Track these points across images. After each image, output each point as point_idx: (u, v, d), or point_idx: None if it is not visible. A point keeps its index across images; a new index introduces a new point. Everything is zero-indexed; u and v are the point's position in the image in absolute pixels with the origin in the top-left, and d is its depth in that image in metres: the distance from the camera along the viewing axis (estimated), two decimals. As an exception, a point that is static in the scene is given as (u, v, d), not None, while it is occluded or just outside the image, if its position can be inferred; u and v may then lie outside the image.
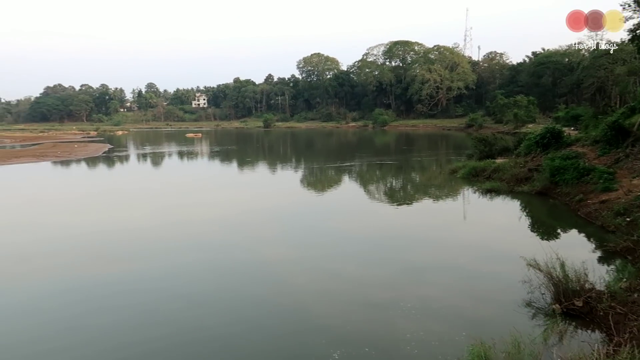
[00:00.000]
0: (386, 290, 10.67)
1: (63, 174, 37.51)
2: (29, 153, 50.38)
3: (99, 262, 13.21)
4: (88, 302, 10.26)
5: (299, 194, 25.86)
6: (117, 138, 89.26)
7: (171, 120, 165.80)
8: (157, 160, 47.74)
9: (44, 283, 11.65)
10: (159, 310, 9.81)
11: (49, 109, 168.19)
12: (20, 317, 9.65)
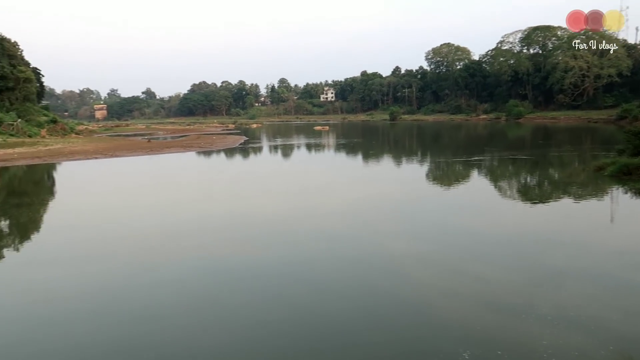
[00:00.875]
0: (518, 294, 9.97)
1: (205, 163, 41.21)
2: (178, 144, 56.21)
3: (230, 246, 14.29)
4: (220, 283, 11.17)
5: (423, 188, 25.30)
6: (252, 130, 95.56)
7: (301, 113, 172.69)
8: (287, 152, 50.14)
9: (182, 261, 12.89)
10: (282, 295, 10.27)
11: (194, 104, 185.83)
12: (169, 289, 10.80)
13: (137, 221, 18.14)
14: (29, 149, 46.45)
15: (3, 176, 33.20)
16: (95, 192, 25.58)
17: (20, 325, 9.19)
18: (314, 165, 39.25)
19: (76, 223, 18.11)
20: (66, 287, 11.11)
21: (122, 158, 42.04)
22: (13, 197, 25.13)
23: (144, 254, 13.58)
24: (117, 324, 9.02)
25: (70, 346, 8.19)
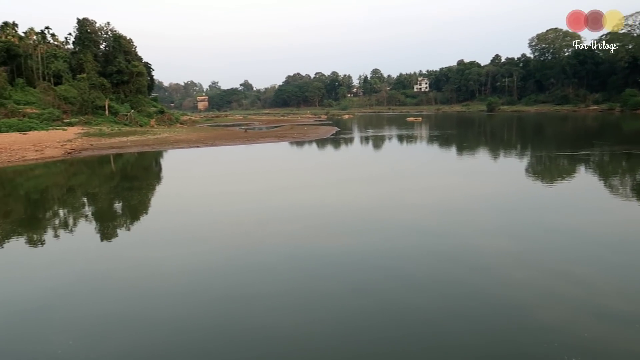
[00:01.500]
0: (629, 301, 9.08)
1: (297, 152, 42.22)
2: (272, 134, 58.13)
3: (320, 234, 14.51)
4: (310, 270, 11.41)
5: (522, 183, 23.85)
6: (344, 121, 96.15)
7: (393, 104, 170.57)
8: (378, 143, 49.82)
9: (274, 247, 13.32)
10: (370, 286, 10.23)
11: (288, 95, 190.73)
12: (260, 272, 11.25)
13: (232, 207, 19.06)
14: (140, 137, 50.63)
15: (117, 162, 36.56)
16: (195, 179, 27.29)
17: (127, 298, 10.09)
18: (404, 156, 38.65)
19: (178, 207, 19.45)
20: (168, 266, 11.98)
21: (221, 147, 44.38)
22: (125, 181, 27.59)
23: (238, 239, 14.25)
24: (211, 302, 9.58)
25: (170, 319, 8.83)
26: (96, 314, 9.14)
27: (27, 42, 68.18)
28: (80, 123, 57.27)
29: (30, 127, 51.03)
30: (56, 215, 20.08)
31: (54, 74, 67.63)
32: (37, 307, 9.60)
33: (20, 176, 30.41)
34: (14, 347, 7.90)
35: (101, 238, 15.44)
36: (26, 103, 58.57)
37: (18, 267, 12.59)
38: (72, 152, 38.99)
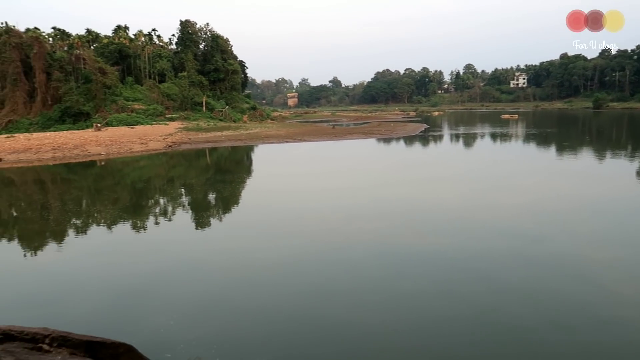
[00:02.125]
0: None
1: (384, 149, 41.82)
2: (359, 130, 58.11)
3: (406, 233, 14.21)
4: (395, 268, 11.21)
5: (631, 188, 21.67)
6: (433, 118, 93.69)
7: (486, 101, 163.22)
8: (469, 141, 47.88)
9: (359, 244, 13.25)
10: (459, 290, 9.82)
11: (377, 91, 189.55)
12: (344, 268, 11.26)
13: (319, 202, 19.28)
14: (234, 132, 52.99)
15: (212, 155, 38.59)
16: (283, 173, 28.01)
17: (220, 285, 10.58)
18: (496, 155, 36.72)
19: (267, 200, 20.07)
20: (257, 257, 12.39)
21: (309, 143, 45.17)
22: (219, 173, 29.02)
23: (325, 235, 14.38)
24: (297, 295, 9.75)
25: (258, 308, 9.11)
26: (193, 298, 9.70)
27: (136, 43, 74.15)
28: (180, 118, 61.26)
29: (137, 121, 55.47)
30: (157, 203, 21.62)
31: (159, 73, 72.87)
32: (139, 288, 10.38)
33: (127, 167, 33.15)
34: (118, 325, 8.60)
35: (196, 227, 16.34)
36: (134, 99, 63.77)
37: (123, 250, 13.70)
38: (173, 145, 41.78)
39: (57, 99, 55.79)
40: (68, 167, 32.90)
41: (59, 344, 4.12)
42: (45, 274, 11.83)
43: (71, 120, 54.01)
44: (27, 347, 4.01)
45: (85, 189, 25.19)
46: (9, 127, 52.44)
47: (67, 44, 64.94)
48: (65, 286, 10.85)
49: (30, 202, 22.06)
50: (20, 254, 13.92)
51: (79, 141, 40.91)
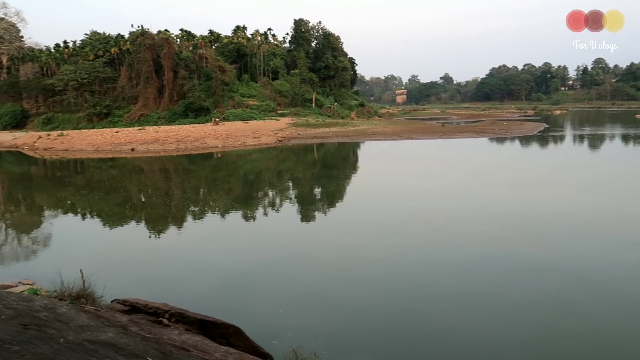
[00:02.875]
0: None
1: (497, 149, 39.59)
2: (470, 129, 55.67)
3: (514, 237, 13.29)
4: (501, 274, 10.55)
5: None
6: (554, 118, 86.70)
7: (618, 99, 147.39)
8: (595, 143, 43.55)
9: (465, 246, 12.65)
10: (571, 300, 8.99)
11: (491, 88, 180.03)
12: (448, 271, 10.85)
13: (424, 202, 18.78)
14: (341, 128, 53.66)
15: (319, 150, 39.43)
16: (389, 171, 27.73)
17: (322, 277, 10.77)
18: (626, 159, 32.90)
19: (371, 197, 20.02)
20: (359, 253, 12.42)
21: (417, 140, 44.26)
22: (325, 169, 29.56)
23: (428, 235, 13.99)
24: (397, 294, 9.60)
25: (358, 304, 9.13)
26: (301, 289, 10.01)
27: (253, 42, 78.14)
28: (290, 114, 63.49)
29: (251, 117, 58.48)
30: (266, 195, 22.61)
31: (272, 70, 76.10)
32: (249, 275, 10.95)
33: (240, 159, 35.12)
34: (228, 307, 9.12)
35: (301, 220, 16.81)
36: (249, 96, 67.34)
37: (234, 237, 14.52)
38: (283, 140, 43.41)
39: (182, 95, 60.73)
40: (189, 158, 35.68)
41: (177, 319, 4.46)
42: (165, 255, 12.93)
43: (193, 114, 58.47)
44: (150, 320, 4.39)
45: (203, 179, 27.12)
46: (141, 120, 58.20)
47: (192, 44, 70.39)
48: (182, 267, 11.75)
49: (155, 188, 24.27)
50: (146, 235, 15.38)
51: (199, 134, 44.16)
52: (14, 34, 78.47)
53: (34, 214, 20.65)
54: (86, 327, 2.91)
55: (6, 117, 62.85)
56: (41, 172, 34.25)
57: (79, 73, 60.84)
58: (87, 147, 42.51)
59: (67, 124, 59.85)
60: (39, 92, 65.88)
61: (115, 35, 70.56)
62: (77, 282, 5.09)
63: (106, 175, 29.82)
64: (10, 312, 2.74)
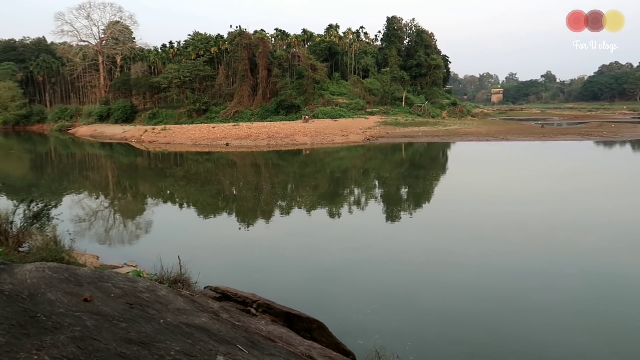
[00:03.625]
0: None
1: (604, 153, 36.40)
2: (574, 131, 51.73)
3: (620, 248, 12.13)
4: (595, 287, 9.68)
5: None
6: (673, 120, 77.90)
7: None
8: None
9: (560, 256, 11.77)
10: None
11: (600, 87, 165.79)
12: (539, 281, 10.17)
13: (517, 207, 17.75)
14: (431, 128, 52.35)
15: (407, 150, 38.78)
16: (480, 173, 26.58)
17: (409, 280, 10.60)
18: None
19: (460, 199, 19.31)
20: (447, 257, 12.04)
21: (512, 142, 41.97)
22: (413, 168, 29.01)
23: (523, 242, 13.22)
24: (485, 303, 9.18)
25: (448, 310, 8.86)
26: (388, 291, 9.92)
27: (344, 41, 78.66)
28: (379, 113, 63.04)
29: (340, 114, 58.90)
30: (351, 193, 22.67)
31: (363, 68, 76.03)
32: (335, 271, 11.06)
33: (328, 156, 35.54)
34: (313, 301, 9.28)
35: (386, 219, 16.66)
36: (339, 94, 67.88)
37: (320, 233, 14.75)
38: (371, 138, 43.26)
39: (274, 92, 62.67)
40: (278, 154, 36.77)
41: (263, 310, 4.61)
42: (253, 246, 13.43)
43: (284, 112, 60.13)
44: (239, 308, 4.58)
45: (291, 174, 27.82)
46: (235, 116, 60.93)
47: (285, 43, 72.35)
48: (269, 259, 12.14)
49: (246, 182, 25.30)
50: (236, 226, 16.09)
51: (289, 131, 45.34)
52: (127, 36, 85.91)
53: (138, 201, 22.44)
54: (182, 310, 3.11)
55: (118, 112, 68.96)
56: (145, 163, 37.12)
57: (181, 71, 65.01)
58: (186, 140, 45.40)
59: (169, 119, 64.30)
60: (147, 89, 71.34)
61: (215, 36, 74.52)
62: (174, 267, 5.44)
63: (202, 168, 31.63)
64: (118, 291, 3.00)
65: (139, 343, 2.14)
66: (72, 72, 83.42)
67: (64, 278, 2.98)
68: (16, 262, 4.54)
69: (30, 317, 2.19)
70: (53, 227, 10.78)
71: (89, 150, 49.26)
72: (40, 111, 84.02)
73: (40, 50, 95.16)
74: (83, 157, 44.73)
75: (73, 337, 2.05)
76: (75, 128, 71.23)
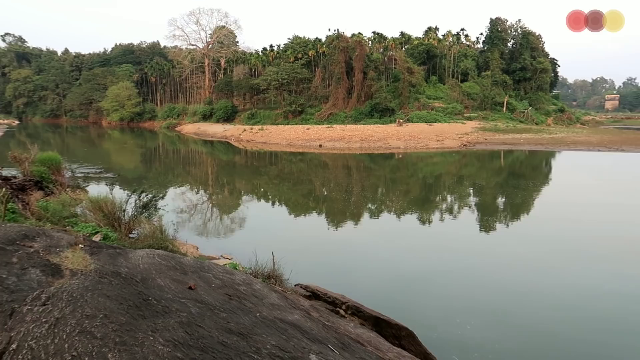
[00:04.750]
0: None
1: None
2: None
3: None
4: None
5: None
6: None
7: None
8: None
9: None
10: None
11: None
12: None
13: (633, 225, 16.10)
14: (534, 135, 49.23)
15: (507, 158, 36.78)
16: (587, 186, 24.49)
17: (510, 296, 10.04)
18: None
19: (564, 214, 17.93)
20: (534, 272, 11.23)
21: (629, 153, 38.18)
22: (512, 178, 27.45)
23: (629, 262, 11.98)
24: (597, 332, 8.42)
25: (553, 332, 8.27)
26: (489, 306, 9.50)
27: (444, 43, 76.62)
28: (478, 118, 60.50)
29: (436, 119, 57.43)
30: (444, 200, 21.98)
31: (462, 72, 73.46)
32: (428, 280, 10.81)
33: (421, 161, 34.80)
34: (403, 308, 9.13)
35: (480, 229, 15.92)
36: (435, 98, 66.27)
37: (409, 238, 14.46)
38: (467, 144, 41.68)
39: (369, 95, 62.66)
40: (370, 157, 36.69)
41: (352, 312, 4.60)
42: (341, 247, 13.50)
43: (378, 115, 59.90)
44: (328, 308, 4.61)
45: (382, 178, 27.61)
46: (329, 118, 61.81)
47: (382, 46, 72.00)
48: (357, 261, 12.12)
49: (337, 183, 25.53)
50: (325, 226, 16.28)
51: (382, 134, 45.07)
52: (231, 40, 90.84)
53: (233, 197, 23.56)
54: (276, 305, 3.19)
55: (220, 111, 73.09)
56: (242, 160, 38.89)
57: (280, 74, 67.30)
58: (281, 141, 46.89)
59: (267, 119, 66.87)
60: (247, 91, 74.75)
61: (313, 39, 76.21)
62: (268, 263, 5.61)
63: (295, 168, 32.46)
64: (218, 282, 3.16)
65: (238, 334, 2.23)
66: (180, 74, 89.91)
67: (171, 266, 3.20)
68: (127, 247, 4.97)
69: (143, 300, 2.38)
70: (159, 217, 11.67)
71: (192, 146, 52.65)
72: (151, 109, 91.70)
73: (154, 53, 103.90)
74: (187, 153, 47.92)
75: (181, 322, 2.19)
76: (181, 126, 76.65)
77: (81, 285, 2.49)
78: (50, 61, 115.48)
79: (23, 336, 2.09)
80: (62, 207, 11.84)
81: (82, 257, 3.10)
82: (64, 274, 2.75)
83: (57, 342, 1.98)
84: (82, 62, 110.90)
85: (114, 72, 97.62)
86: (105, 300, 2.26)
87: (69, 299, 2.31)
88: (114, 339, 1.94)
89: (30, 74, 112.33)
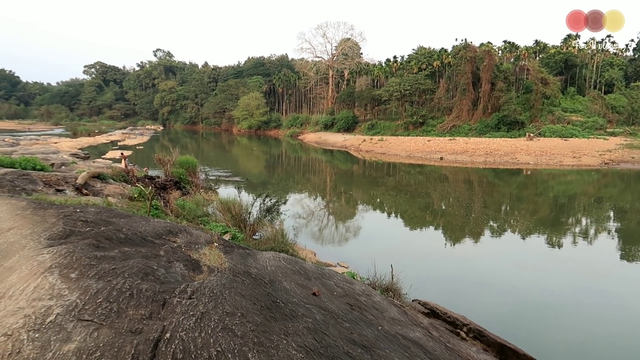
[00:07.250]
0: None
1: None
2: None
3: None
4: None
5: None
6: None
7: None
8: None
9: None
10: None
11: None
12: None
13: None
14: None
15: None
16: None
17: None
18: None
19: None
20: None
21: None
22: None
23: None
24: None
25: None
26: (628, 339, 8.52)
27: (585, 52, 69.98)
28: (624, 133, 54.07)
29: (572, 134, 52.52)
30: (578, 223, 19.97)
31: (606, 83, 66.43)
32: (551, 307, 9.91)
33: (552, 179, 32.06)
34: (531, 338, 8.47)
35: (620, 258, 14.19)
36: (572, 111, 60.62)
37: (536, 262, 13.36)
38: (610, 163, 37.53)
39: (496, 107, 59.39)
40: (495, 172, 34.70)
41: (474, 336, 4.33)
42: (461, 266, 12.89)
43: (505, 128, 56.49)
44: (448, 329, 4.40)
45: (507, 195, 25.93)
46: (452, 130, 59.78)
47: (514, 56, 67.93)
48: (477, 281, 11.49)
49: (457, 198, 24.52)
50: (442, 242, 15.69)
51: (509, 149, 42.44)
52: (355, 52, 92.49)
53: (350, 205, 23.79)
54: (397, 320, 3.12)
55: (341, 121, 74.63)
56: (360, 170, 39.19)
57: (402, 85, 66.78)
58: (401, 152, 46.43)
59: (386, 130, 66.72)
60: (368, 101, 75.36)
61: (438, 50, 74.53)
62: (386, 275, 5.53)
63: (413, 180, 31.86)
64: (339, 291, 3.18)
65: (361, 346, 2.21)
66: (305, 85, 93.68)
67: (295, 270, 3.29)
68: (253, 249, 5.24)
69: (272, 302, 2.48)
70: (281, 222, 12.20)
71: (313, 155, 54.39)
72: (277, 118, 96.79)
73: (282, 65, 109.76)
74: (307, 160, 49.62)
75: (308, 327, 2.23)
76: (304, 135, 79.70)
77: (219, 282, 2.68)
78: (192, 73, 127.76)
79: (174, 327, 2.30)
80: (197, 206, 12.94)
81: (217, 255, 3.34)
82: (203, 269, 2.99)
83: (203, 335, 2.15)
84: (219, 74, 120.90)
85: (245, 83, 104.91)
86: (241, 299, 2.40)
87: (210, 295, 2.50)
88: (252, 338, 2.04)
89: (175, 85, 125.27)
